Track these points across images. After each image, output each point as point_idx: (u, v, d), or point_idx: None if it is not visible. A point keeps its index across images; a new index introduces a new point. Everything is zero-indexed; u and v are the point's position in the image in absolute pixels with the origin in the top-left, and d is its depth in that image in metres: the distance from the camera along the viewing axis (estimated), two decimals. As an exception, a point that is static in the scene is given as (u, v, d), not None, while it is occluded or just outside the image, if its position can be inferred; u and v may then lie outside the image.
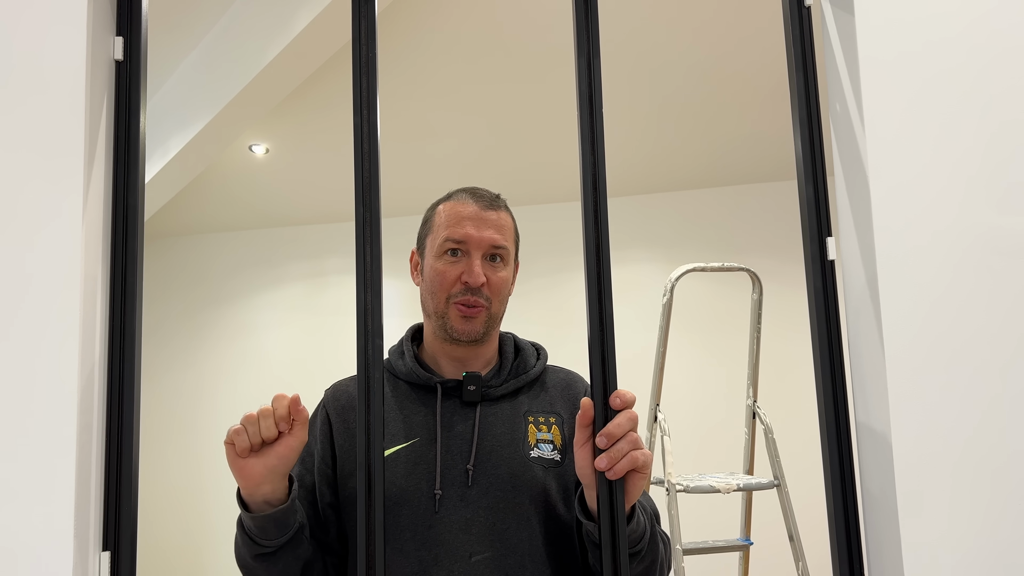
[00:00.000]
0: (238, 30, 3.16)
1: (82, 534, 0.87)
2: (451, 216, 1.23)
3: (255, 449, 1.03)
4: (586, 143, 0.96)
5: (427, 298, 1.24)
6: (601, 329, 0.94)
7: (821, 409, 0.96)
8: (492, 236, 1.21)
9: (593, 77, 0.96)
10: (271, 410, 1.01)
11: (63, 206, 0.89)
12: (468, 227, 1.21)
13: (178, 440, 5.31)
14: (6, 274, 0.88)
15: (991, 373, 0.87)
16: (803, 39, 1.00)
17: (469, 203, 1.23)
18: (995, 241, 0.89)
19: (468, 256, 1.21)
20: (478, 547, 1.12)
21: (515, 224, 1.29)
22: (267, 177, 4.58)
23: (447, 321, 1.21)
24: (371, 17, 0.97)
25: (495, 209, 1.24)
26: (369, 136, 0.95)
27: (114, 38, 0.99)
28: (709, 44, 3.25)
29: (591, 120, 0.96)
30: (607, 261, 0.95)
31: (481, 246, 1.21)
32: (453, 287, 1.20)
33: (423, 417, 1.20)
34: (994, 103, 0.91)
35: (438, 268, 1.22)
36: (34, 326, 0.87)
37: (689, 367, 4.51)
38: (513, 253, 1.27)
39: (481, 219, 1.22)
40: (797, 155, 1.00)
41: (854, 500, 0.95)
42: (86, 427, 0.89)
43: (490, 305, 1.21)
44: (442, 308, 1.21)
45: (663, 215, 4.82)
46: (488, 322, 1.22)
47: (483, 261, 1.21)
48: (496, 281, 1.22)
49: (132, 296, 0.95)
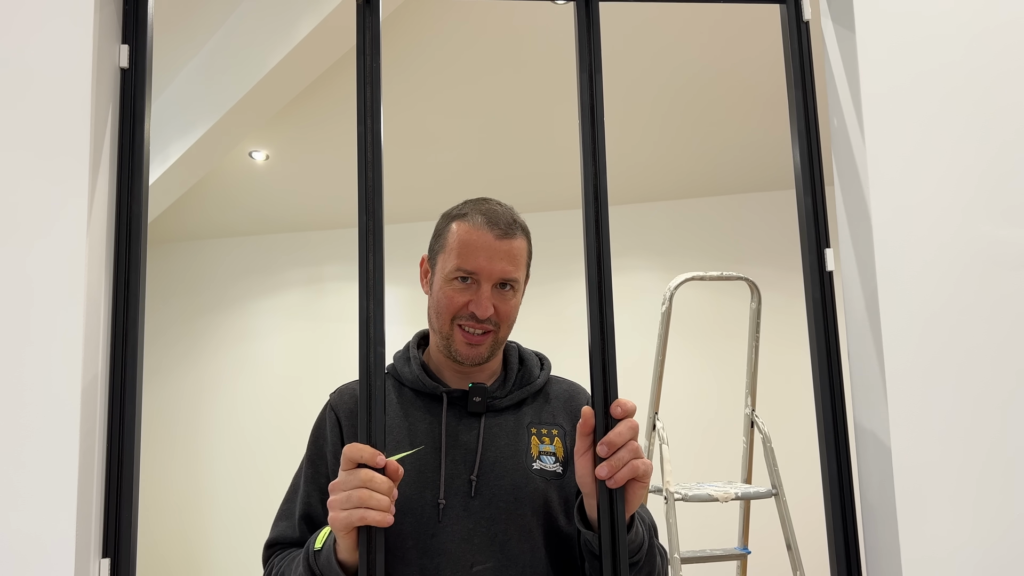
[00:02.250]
0: (240, 37, 3.17)
1: (83, 541, 0.87)
2: (464, 244, 1.19)
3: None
4: (587, 155, 0.96)
5: (433, 316, 1.24)
6: (602, 338, 0.94)
7: (820, 419, 0.97)
8: (504, 268, 1.18)
9: (595, 92, 0.97)
10: (382, 478, 0.94)
11: (68, 212, 0.90)
12: (480, 259, 1.18)
13: (177, 446, 5.30)
14: (10, 280, 0.88)
15: (990, 383, 0.88)
16: (801, 53, 1.01)
17: (484, 231, 1.19)
18: (994, 253, 0.90)
19: (478, 285, 1.19)
20: (480, 557, 1.12)
21: (529, 245, 1.26)
22: (267, 183, 4.58)
23: (451, 344, 1.20)
24: (375, 28, 0.98)
25: (509, 237, 1.20)
26: (373, 145, 0.96)
27: (120, 46, 1.00)
28: (709, 54, 3.26)
29: (592, 133, 0.96)
30: (608, 271, 0.96)
31: (492, 278, 1.18)
32: (460, 310, 1.19)
33: (428, 425, 1.20)
34: (994, 118, 0.92)
35: (446, 292, 1.20)
36: (38, 332, 0.88)
37: (688, 376, 4.51)
38: (524, 279, 1.25)
39: (494, 250, 1.18)
40: (796, 166, 1.00)
41: (852, 510, 0.95)
42: (89, 433, 0.89)
43: (497, 331, 1.21)
44: (447, 330, 1.21)
45: (662, 223, 4.83)
46: (493, 346, 1.21)
47: (493, 290, 1.19)
48: (505, 309, 1.20)
49: (135, 302, 0.95)
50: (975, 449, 0.87)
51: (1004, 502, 0.86)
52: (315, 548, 1.05)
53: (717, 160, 4.31)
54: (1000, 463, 0.87)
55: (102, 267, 0.93)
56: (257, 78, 3.03)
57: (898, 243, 0.91)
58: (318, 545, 1.05)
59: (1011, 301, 0.89)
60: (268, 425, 5.11)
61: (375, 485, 0.93)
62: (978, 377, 0.88)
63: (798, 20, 1.01)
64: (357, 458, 0.94)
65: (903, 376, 0.89)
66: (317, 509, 1.20)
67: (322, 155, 4.20)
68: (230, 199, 4.83)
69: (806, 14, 1.01)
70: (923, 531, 0.86)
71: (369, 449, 0.94)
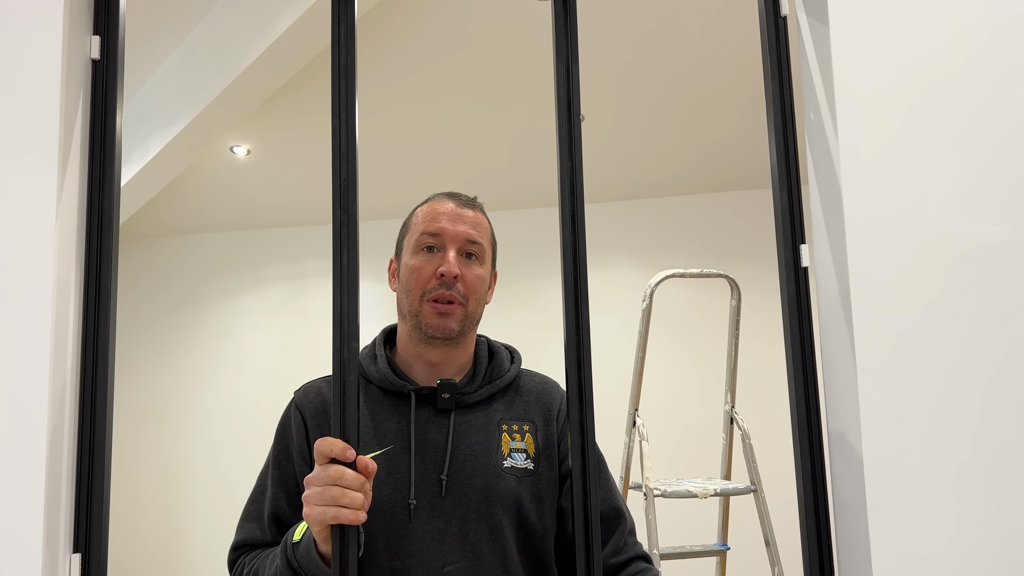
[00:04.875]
0: (220, 31, 3.15)
1: (52, 536, 0.86)
2: (427, 214, 1.23)
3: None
4: (564, 149, 0.96)
5: (402, 298, 1.23)
6: (577, 333, 0.94)
7: (794, 415, 0.97)
8: (467, 231, 1.21)
9: (572, 84, 0.97)
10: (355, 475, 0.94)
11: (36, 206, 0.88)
12: (444, 221, 1.21)
13: (156, 443, 5.26)
14: (-23, 273, 0.87)
15: (961, 381, 0.89)
16: (779, 48, 1.02)
17: (446, 202, 1.24)
18: (967, 249, 0.90)
19: (444, 251, 1.20)
20: (451, 557, 1.12)
21: (491, 228, 1.28)
22: (248, 179, 4.55)
23: (421, 319, 1.19)
24: (351, 20, 0.97)
25: (471, 208, 1.25)
26: (347, 139, 0.96)
27: (91, 37, 0.99)
28: (688, 51, 3.28)
29: (569, 126, 0.96)
30: (583, 267, 0.96)
31: (456, 240, 1.20)
32: (428, 283, 1.19)
33: (396, 424, 1.19)
34: (969, 114, 0.92)
35: (413, 264, 1.21)
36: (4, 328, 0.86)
37: (668, 372, 4.53)
38: (489, 254, 1.26)
39: (457, 215, 1.22)
40: (772, 163, 1.01)
41: (825, 506, 0.96)
42: (57, 428, 0.88)
43: (466, 303, 1.20)
44: (416, 306, 1.20)
45: (643, 221, 4.85)
46: (464, 321, 1.20)
47: (459, 257, 1.20)
48: (472, 278, 1.21)
49: (106, 296, 0.94)
50: (946, 445, 0.88)
51: (975, 496, 0.87)
52: (293, 540, 1.05)
53: (699, 158, 4.33)
54: (970, 460, 0.88)
55: (72, 260, 0.92)
56: (238, 72, 3.00)
57: (871, 239, 0.91)
58: (296, 537, 1.05)
59: (983, 298, 0.90)
60: (248, 422, 5.08)
61: (346, 482, 0.93)
62: (950, 374, 0.89)
63: (776, 15, 1.02)
64: (328, 452, 0.94)
65: (875, 373, 0.89)
66: (285, 511, 1.19)
67: (304, 150, 4.18)
68: (211, 194, 4.79)
69: (784, 9, 1.02)
70: (893, 527, 0.87)
71: (340, 443, 0.93)
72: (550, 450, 1.23)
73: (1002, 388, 0.88)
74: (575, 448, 0.95)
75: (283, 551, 1.06)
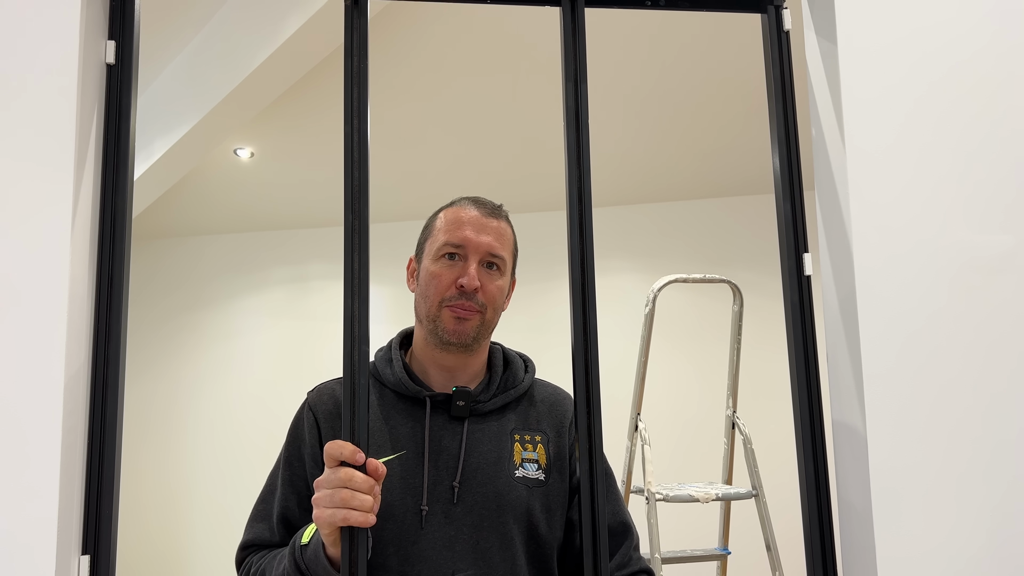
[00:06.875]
0: (226, 34, 3.16)
1: (65, 538, 0.87)
2: (451, 221, 1.22)
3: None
4: (572, 160, 0.97)
5: (420, 302, 1.22)
6: (585, 340, 0.95)
7: (797, 421, 0.98)
8: (490, 242, 1.20)
9: (580, 98, 0.98)
10: (365, 477, 0.95)
11: (53, 208, 0.89)
12: (467, 231, 1.20)
13: (159, 444, 5.26)
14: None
15: (967, 387, 0.90)
16: (782, 61, 1.03)
17: (471, 209, 1.22)
18: (971, 258, 0.91)
19: (465, 261, 1.19)
20: (461, 564, 1.12)
21: (515, 237, 1.27)
22: (252, 181, 4.56)
23: (439, 324, 1.18)
24: (363, 29, 0.98)
25: (496, 218, 1.23)
26: (359, 144, 0.97)
27: (106, 42, 1.00)
28: (693, 58, 3.29)
29: (577, 138, 0.97)
30: (591, 274, 0.96)
31: (479, 251, 1.19)
32: (447, 291, 1.18)
33: (410, 429, 1.18)
34: (973, 125, 0.93)
35: (433, 271, 1.20)
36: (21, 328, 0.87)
37: (670, 377, 4.54)
38: (510, 265, 1.25)
39: (482, 225, 1.21)
40: (775, 172, 1.02)
41: (829, 512, 0.96)
42: (71, 430, 0.89)
43: (484, 312, 1.19)
44: (435, 311, 1.19)
45: (646, 226, 4.85)
46: (480, 328, 1.20)
47: (480, 268, 1.19)
48: (492, 289, 1.20)
49: (118, 299, 0.95)
50: (951, 451, 0.89)
51: (980, 503, 0.88)
52: (302, 543, 1.05)
53: (702, 163, 4.34)
54: (976, 465, 0.89)
55: (86, 263, 0.93)
56: (243, 75, 3.01)
57: (876, 248, 0.92)
58: (305, 539, 1.04)
59: (987, 305, 0.91)
60: (251, 423, 5.09)
61: (356, 484, 0.93)
62: (954, 380, 0.90)
63: (779, 30, 1.03)
64: (337, 455, 0.94)
65: (880, 379, 0.90)
66: (295, 512, 1.18)
67: (307, 153, 4.19)
68: (215, 196, 4.80)
69: (787, 24, 1.03)
70: (899, 532, 0.88)
71: (349, 446, 0.94)
72: (561, 462, 1.23)
73: (1007, 396, 0.89)
74: (583, 453, 0.95)
75: (291, 553, 1.06)
